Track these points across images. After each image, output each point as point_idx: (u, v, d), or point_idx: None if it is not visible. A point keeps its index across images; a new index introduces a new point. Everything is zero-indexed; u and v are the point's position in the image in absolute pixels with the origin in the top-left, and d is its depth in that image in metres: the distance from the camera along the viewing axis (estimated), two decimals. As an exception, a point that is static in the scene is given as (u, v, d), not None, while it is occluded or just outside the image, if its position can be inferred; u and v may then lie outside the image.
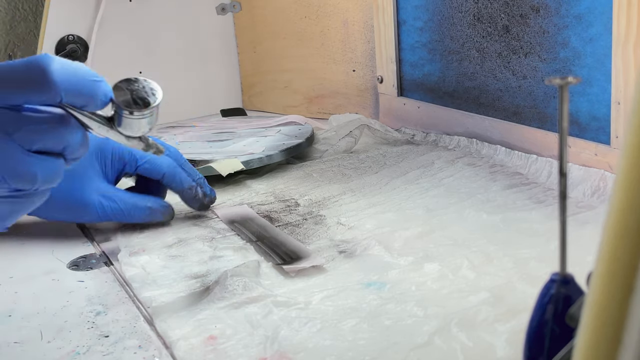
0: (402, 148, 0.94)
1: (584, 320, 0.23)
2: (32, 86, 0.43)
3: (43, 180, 0.45)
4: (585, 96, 0.76)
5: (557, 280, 0.37)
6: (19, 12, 1.26)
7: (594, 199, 0.70)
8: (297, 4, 1.16)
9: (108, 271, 0.64)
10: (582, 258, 0.41)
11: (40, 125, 0.44)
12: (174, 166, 0.72)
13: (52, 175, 0.45)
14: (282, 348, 0.47)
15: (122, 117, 0.47)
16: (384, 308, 0.52)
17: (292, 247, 0.64)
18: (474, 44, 0.90)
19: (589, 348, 0.23)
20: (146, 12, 1.17)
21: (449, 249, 0.61)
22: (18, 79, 0.43)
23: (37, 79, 0.43)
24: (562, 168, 0.36)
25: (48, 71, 0.43)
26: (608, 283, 0.23)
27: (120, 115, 0.47)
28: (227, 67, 1.27)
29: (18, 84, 0.43)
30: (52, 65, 0.43)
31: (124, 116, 0.47)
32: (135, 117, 0.47)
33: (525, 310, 0.47)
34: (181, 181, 0.72)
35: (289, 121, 1.05)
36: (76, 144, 0.46)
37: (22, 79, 0.43)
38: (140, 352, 0.49)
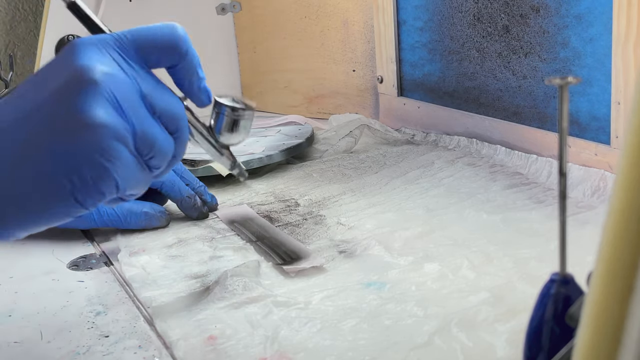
0: (402, 148, 0.94)
1: (584, 320, 0.23)
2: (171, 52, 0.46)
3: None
4: (585, 96, 0.76)
5: (557, 280, 0.37)
6: (19, 12, 1.26)
7: (594, 199, 0.70)
8: (297, 4, 1.16)
9: (108, 271, 0.64)
10: (582, 258, 0.41)
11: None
12: (172, 175, 0.72)
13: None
14: (282, 348, 0.47)
15: (224, 117, 0.49)
16: (384, 308, 0.52)
17: (292, 247, 0.64)
18: (474, 44, 0.90)
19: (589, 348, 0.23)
20: (146, 12, 1.17)
21: (449, 249, 0.61)
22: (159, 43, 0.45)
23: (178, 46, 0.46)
24: (562, 168, 0.36)
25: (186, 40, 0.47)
26: (608, 283, 0.23)
27: (222, 115, 0.49)
28: (227, 67, 1.27)
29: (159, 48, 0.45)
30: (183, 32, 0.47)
31: (226, 115, 0.49)
32: (237, 116, 0.49)
33: (525, 310, 0.47)
34: (180, 190, 0.72)
35: (289, 121, 1.05)
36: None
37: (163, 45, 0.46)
38: (140, 352, 0.49)
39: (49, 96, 0.41)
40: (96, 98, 0.41)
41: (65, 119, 0.40)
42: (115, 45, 0.43)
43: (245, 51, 1.27)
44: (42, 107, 0.41)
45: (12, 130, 0.41)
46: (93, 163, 0.40)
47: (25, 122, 0.41)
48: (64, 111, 0.40)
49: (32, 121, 0.41)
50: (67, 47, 0.43)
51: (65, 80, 0.41)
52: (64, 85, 0.41)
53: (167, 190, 0.72)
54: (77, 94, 0.40)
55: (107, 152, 0.40)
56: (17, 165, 0.40)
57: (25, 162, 0.40)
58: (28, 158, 0.40)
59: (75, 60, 0.41)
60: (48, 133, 0.40)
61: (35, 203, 0.41)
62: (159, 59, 0.46)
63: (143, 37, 0.45)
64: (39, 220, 0.42)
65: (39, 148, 0.40)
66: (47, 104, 0.41)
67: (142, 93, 0.43)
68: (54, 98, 0.41)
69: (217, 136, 0.50)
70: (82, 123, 0.40)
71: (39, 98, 0.41)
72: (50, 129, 0.40)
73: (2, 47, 1.26)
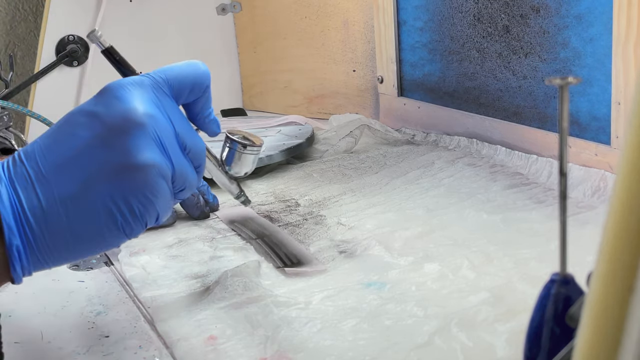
0: (402, 148, 0.94)
1: (584, 320, 0.23)
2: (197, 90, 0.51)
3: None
4: (586, 96, 0.76)
5: (557, 280, 0.37)
6: (19, 13, 1.26)
7: (594, 199, 0.70)
8: (297, 4, 1.16)
9: (108, 271, 0.64)
10: (582, 258, 0.41)
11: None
12: None
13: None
14: (282, 348, 0.47)
15: (235, 152, 0.56)
16: (384, 308, 0.52)
17: (293, 250, 0.64)
18: (474, 44, 0.90)
19: (589, 348, 0.23)
20: (146, 12, 1.17)
21: (449, 249, 0.61)
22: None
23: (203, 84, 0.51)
24: (562, 168, 0.36)
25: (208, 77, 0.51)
26: (608, 283, 0.23)
27: (233, 150, 0.56)
28: (228, 67, 1.27)
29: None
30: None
31: (237, 150, 0.56)
32: (247, 152, 0.56)
33: (525, 310, 0.47)
34: None
35: (289, 121, 1.05)
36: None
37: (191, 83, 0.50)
38: (140, 352, 0.49)
39: (100, 137, 0.44)
40: (145, 139, 0.45)
41: (118, 160, 0.44)
42: (151, 86, 0.47)
43: (246, 51, 1.27)
44: (94, 148, 0.44)
45: (67, 170, 0.44)
46: (142, 198, 0.45)
47: (77, 162, 0.44)
48: (117, 152, 0.44)
49: (84, 161, 0.44)
50: (109, 88, 0.46)
51: (114, 122, 0.45)
52: (115, 127, 0.44)
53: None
54: (128, 136, 0.44)
55: (154, 188, 0.45)
56: (75, 202, 0.44)
57: (82, 200, 0.44)
58: (85, 196, 0.44)
59: (120, 102, 0.45)
60: (102, 172, 0.44)
61: (89, 235, 0.44)
62: (187, 97, 0.50)
63: (174, 77, 0.49)
64: (88, 250, 0.45)
65: (95, 186, 0.44)
66: (99, 145, 0.44)
67: (176, 132, 0.47)
68: (106, 139, 0.44)
69: (227, 168, 0.56)
70: (134, 164, 0.44)
71: (89, 137, 0.44)
72: (105, 169, 0.44)
73: (2, 47, 1.26)
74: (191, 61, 0.50)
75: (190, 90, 0.50)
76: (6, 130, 0.91)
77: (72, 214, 0.44)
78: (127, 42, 1.15)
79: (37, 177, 0.44)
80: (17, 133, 0.92)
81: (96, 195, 0.44)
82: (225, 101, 1.27)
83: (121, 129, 0.44)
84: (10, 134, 0.91)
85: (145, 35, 1.17)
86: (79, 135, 0.45)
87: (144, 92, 0.47)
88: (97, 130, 0.45)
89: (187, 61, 0.50)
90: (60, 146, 0.45)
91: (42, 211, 0.43)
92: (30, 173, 0.44)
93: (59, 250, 0.44)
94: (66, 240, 0.44)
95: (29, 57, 1.28)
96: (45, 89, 1.10)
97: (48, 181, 0.44)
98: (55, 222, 0.43)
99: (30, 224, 0.43)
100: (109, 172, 0.44)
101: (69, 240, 0.44)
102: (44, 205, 0.43)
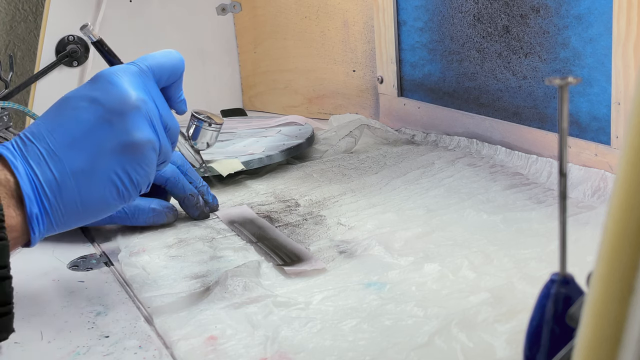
0: (402, 148, 0.94)
1: (584, 320, 0.23)
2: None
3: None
4: (586, 96, 0.76)
5: (557, 280, 0.37)
6: (19, 13, 1.26)
7: (594, 199, 0.70)
8: (297, 4, 1.16)
9: (108, 271, 0.64)
10: (582, 258, 0.41)
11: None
12: (177, 173, 0.72)
13: None
14: (283, 348, 0.47)
15: (200, 128, 0.70)
16: (385, 308, 0.52)
17: (293, 249, 0.64)
18: (474, 44, 0.90)
19: (589, 348, 0.23)
20: (146, 12, 1.17)
21: (449, 249, 0.61)
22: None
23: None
24: (562, 168, 0.36)
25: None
26: (608, 283, 0.23)
27: (199, 127, 0.70)
28: (228, 68, 1.27)
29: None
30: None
31: (203, 127, 0.71)
32: (211, 128, 0.70)
33: (525, 310, 0.47)
34: (183, 188, 0.72)
35: (289, 121, 1.05)
36: None
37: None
38: (140, 352, 0.49)
39: (103, 119, 0.52)
40: (141, 119, 0.53)
41: (121, 138, 0.52)
42: (138, 73, 0.54)
43: (246, 51, 1.27)
44: (98, 128, 0.51)
45: (76, 147, 0.51)
46: (140, 169, 0.53)
47: (85, 140, 0.51)
48: (119, 131, 0.51)
49: (91, 140, 0.51)
50: (102, 75, 0.53)
51: (113, 106, 0.52)
52: (115, 110, 0.52)
53: (171, 187, 0.72)
54: (127, 117, 0.52)
55: (149, 160, 0.53)
56: (85, 175, 0.51)
57: (91, 173, 0.51)
58: (93, 169, 0.51)
59: (115, 87, 0.52)
60: (107, 149, 0.51)
61: (95, 202, 0.52)
62: (167, 79, 0.57)
63: (155, 64, 0.56)
64: (93, 216, 0.53)
65: (101, 161, 0.51)
66: (103, 126, 0.51)
67: (160, 113, 0.55)
68: (108, 120, 0.52)
69: (192, 142, 0.67)
70: (134, 141, 0.52)
71: (92, 119, 0.52)
72: (110, 146, 0.51)
73: (2, 47, 1.26)
74: (168, 50, 0.58)
75: (169, 76, 0.57)
76: (6, 130, 0.91)
77: (83, 185, 0.51)
78: (127, 42, 1.15)
79: (49, 154, 0.50)
80: (17, 133, 0.92)
81: (103, 169, 0.51)
82: (225, 101, 1.27)
83: (121, 110, 0.52)
84: (10, 134, 0.91)
85: (145, 35, 1.17)
86: (83, 118, 0.51)
87: (133, 78, 0.54)
88: (98, 112, 0.52)
89: (164, 50, 0.58)
90: (67, 128, 0.51)
91: (57, 184, 0.50)
92: (42, 151, 0.50)
93: (69, 217, 0.51)
94: (77, 208, 0.51)
95: (29, 57, 1.28)
96: (45, 89, 1.10)
97: (60, 158, 0.50)
98: (69, 193, 0.50)
99: (47, 195, 0.50)
100: (113, 148, 0.51)
101: (79, 208, 0.51)
102: (57, 178, 0.50)
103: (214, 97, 1.26)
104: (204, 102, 1.24)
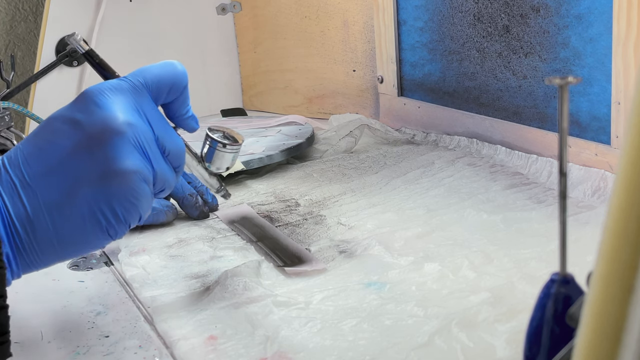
0: (402, 148, 0.94)
1: (584, 320, 0.23)
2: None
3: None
4: (586, 96, 0.76)
5: (557, 280, 0.37)
6: (19, 13, 1.26)
7: (594, 199, 0.70)
8: (297, 4, 1.16)
9: (108, 271, 0.64)
10: (582, 258, 0.41)
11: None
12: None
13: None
14: (283, 348, 0.47)
15: (215, 150, 0.56)
16: (385, 308, 0.52)
17: (293, 249, 0.64)
18: (474, 44, 0.90)
19: (589, 348, 0.23)
20: (146, 12, 1.17)
21: (449, 249, 0.61)
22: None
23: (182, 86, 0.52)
24: (562, 168, 0.36)
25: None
26: (608, 283, 0.23)
27: (213, 148, 0.56)
28: (228, 67, 1.27)
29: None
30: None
31: (217, 149, 0.56)
32: (227, 150, 0.56)
33: (525, 310, 0.47)
34: (182, 188, 0.72)
35: (289, 121, 1.05)
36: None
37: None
38: (140, 352, 0.49)
39: (82, 146, 0.46)
40: (125, 147, 0.46)
41: (101, 168, 0.45)
42: (130, 90, 0.48)
43: (246, 51, 1.27)
44: (76, 156, 0.45)
45: (50, 178, 0.45)
46: (126, 203, 0.46)
47: (61, 170, 0.45)
48: (99, 160, 0.45)
49: (67, 170, 0.45)
50: (87, 94, 0.47)
51: (94, 131, 0.46)
52: (95, 136, 0.46)
53: None
54: (109, 144, 0.46)
55: (137, 192, 0.47)
56: (58, 209, 0.45)
57: (67, 206, 0.45)
58: (69, 203, 0.45)
59: (100, 109, 0.46)
60: (85, 180, 0.45)
61: (74, 239, 0.46)
62: (166, 97, 0.51)
63: (152, 79, 0.50)
64: (74, 253, 0.47)
65: (78, 193, 0.45)
66: (81, 153, 0.45)
67: (156, 136, 0.48)
68: (87, 147, 0.45)
69: (206, 164, 0.57)
70: (116, 170, 0.46)
71: (70, 145, 0.46)
72: (88, 176, 0.45)
73: (3, 47, 1.26)
74: (168, 61, 0.51)
75: (169, 91, 0.51)
76: (7, 130, 0.91)
77: (58, 220, 0.45)
78: (127, 42, 1.15)
79: (22, 185, 0.45)
80: (18, 133, 0.92)
81: (80, 202, 0.45)
82: (225, 101, 1.27)
83: (102, 137, 0.46)
84: (12, 134, 0.91)
85: (145, 35, 1.17)
86: (60, 144, 0.46)
87: (123, 97, 0.48)
88: (78, 138, 0.46)
89: (164, 61, 0.51)
90: (43, 154, 0.46)
91: (29, 219, 0.45)
92: (15, 181, 0.45)
93: (46, 255, 0.46)
94: (53, 245, 0.46)
95: (29, 57, 1.28)
96: (45, 89, 1.10)
97: (33, 189, 0.45)
98: (42, 229, 0.45)
99: (18, 232, 0.45)
100: (92, 179, 0.45)
101: (56, 245, 0.46)
102: (30, 212, 0.45)
103: (214, 97, 1.26)
104: (204, 102, 1.24)
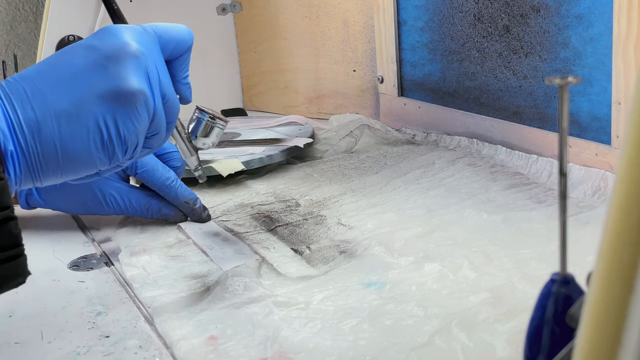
0: (402, 148, 0.94)
1: (584, 320, 0.23)
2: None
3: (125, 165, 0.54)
4: (586, 96, 0.76)
5: (557, 280, 0.37)
6: (19, 13, 1.26)
7: (595, 199, 0.70)
8: (297, 4, 1.16)
9: (108, 271, 0.64)
10: (582, 258, 0.41)
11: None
12: (170, 181, 0.71)
13: None
14: (283, 348, 0.47)
15: (203, 122, 0.61)
16: (385, 308, 0.52)
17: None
18: (475, 44, 0.90)
19: (589, 348, 0.23)
20: (146, 12, 1.17)
21: (450, 249, 0.61)
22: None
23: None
24: (562, 168, 0.36)
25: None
26: (608, 283, 0.23)
27: (201, 120, 0.61)
28: (228, 68, 1.27)
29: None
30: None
31: (206, 120, 0.61)
32: (214, 123, 0.61)
33: (525, 310, 0.47)
34: (176, 195, 0.71)
35: (290, 121, 1.05)
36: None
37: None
38: (140, 352, 0.49)
39: (97, 63, 0.48)
40: (138, 69, 0.49)
41: (112, 83, 0.48)
42: (143, 33, 0.51)
43: (246, 51, 1.27)
44: (90, 71, 0.48)
45: (62, 87, 0.47)
46: (128, 122, 0.48)
47: (73, 82, 0.48)
48: (112, 76, 0.48)
49: (80, 82, 0.48)
50: (106, 28, 0.50)
51: (110, 51, 0.49)
52: (111, 55, 0.48)
53: (164, 194, 0.71)
54: (123, 63, 0.48)
55: (139, 115, 0.49)
56: (66, 117, 0.47)
57: (74, 116, 0.47)
58: (77, 113, 0.47)
59: (116, 38, 0.49)
60: (95, 93, 0.48)
61: (77, 150, 0.48)
62: (173, 50, 0.54)
63: (162, 30, 0.53)
64: (72, 164, 0.48)
65: (87, 105, 0.47)
66: (95, 69, 0.48)
67: (159, 79, 0.51)
68: (102, 65, 0.48)
69: (192, 138, 0.59)
70: (126, 88, 0.48)
71: (85, 62, 0.48)
72: (99, 90, 0.48)
73: (3, 47, 1.26)
74: (177, 23, 0.55)
75: (175, 46, 0.54)
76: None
77: (64, 127, 0.47)
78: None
79: (33, 92, 0.47)
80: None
81: (87, 113, 0.47)
82: (225, 101, 1.27)
83: (117, 56, 0.49)
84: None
85: (146, 36, 1.17)
86: (75, 62, 0.48)
87: (137, 35, 0.51)
88: (93, 57, 0.48)
89: (173, 23, 0.55)
90: (57, 69, 0.48)
91: (37, 122, 0.46)
92: (27, 90, 0.47)
93: (48, 163, 0.47)
94: (55, 153, 0.47)
95: (29, 57, 1.28)
96: (46, 89, 1.10)
97: (44, 96, 0.47)
98: (47, 133, 0.47)
99: (24, 133, 0.46)
100: (102, 93, 0.48)
101: (58, 151, 0.47)
102: (38, 117, 0.46)
103: (215, 97, 1.26)
104: (204, 102, 1.23)
